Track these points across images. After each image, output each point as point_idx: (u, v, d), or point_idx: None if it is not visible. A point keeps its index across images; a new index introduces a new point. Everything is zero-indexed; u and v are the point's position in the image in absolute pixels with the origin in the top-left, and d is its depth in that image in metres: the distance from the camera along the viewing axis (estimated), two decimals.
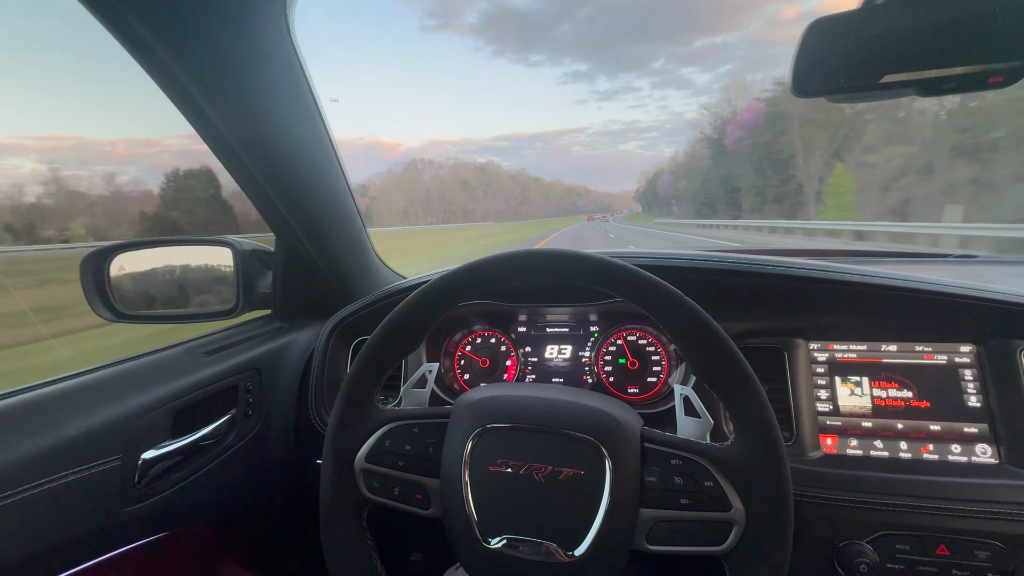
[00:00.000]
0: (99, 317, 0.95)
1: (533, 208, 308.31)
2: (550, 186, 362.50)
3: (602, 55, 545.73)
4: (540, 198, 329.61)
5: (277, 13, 0.75)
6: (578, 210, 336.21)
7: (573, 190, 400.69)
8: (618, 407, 0.60)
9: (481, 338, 1.05)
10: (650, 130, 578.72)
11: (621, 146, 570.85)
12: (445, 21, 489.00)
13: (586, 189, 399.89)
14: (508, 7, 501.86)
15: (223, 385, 0.85)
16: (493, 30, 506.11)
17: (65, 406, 0.65)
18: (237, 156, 0.79)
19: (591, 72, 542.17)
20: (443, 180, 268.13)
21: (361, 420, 0.63)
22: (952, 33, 0.52)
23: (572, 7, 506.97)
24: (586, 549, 0.53)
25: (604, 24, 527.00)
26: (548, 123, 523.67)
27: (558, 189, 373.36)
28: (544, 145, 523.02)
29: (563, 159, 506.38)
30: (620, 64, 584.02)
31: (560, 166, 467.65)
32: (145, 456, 0.71)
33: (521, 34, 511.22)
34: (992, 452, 0.73)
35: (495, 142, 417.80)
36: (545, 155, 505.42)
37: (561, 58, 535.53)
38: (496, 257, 0.59)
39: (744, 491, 0.51)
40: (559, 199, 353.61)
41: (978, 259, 1.20)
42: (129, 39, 0.64)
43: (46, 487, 0.59)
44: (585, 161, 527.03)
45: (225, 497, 0.87)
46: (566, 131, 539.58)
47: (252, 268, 1.02)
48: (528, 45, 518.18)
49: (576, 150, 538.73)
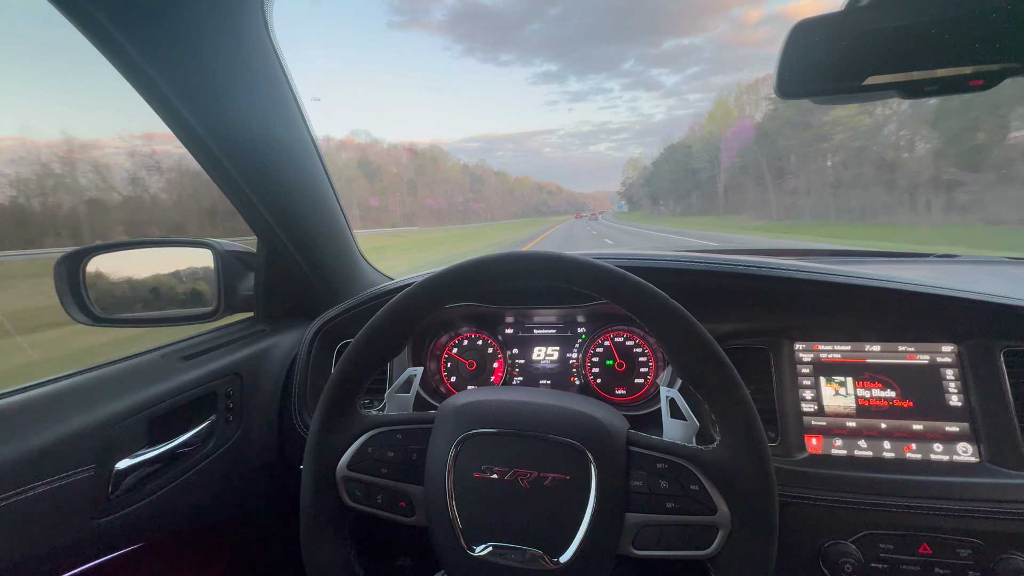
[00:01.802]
0: (74, 321, 0.93)
1: (491, 207, 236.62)
2: (516, 182, 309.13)
3: (573, 55, 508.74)
4: (501, 195, 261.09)
5: (255, 10, 0.73)
6: (549, 210, 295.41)
7: (544, 187, 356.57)
8: (604, 410, 0.60)
9: (468, 340, 1.04)
10: (620, 131, 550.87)
11: (592, 147, 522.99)
12: (412, 18, 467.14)
13: (558, 187, 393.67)
14: (477, 4, 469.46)
15: (202, 391, 0.83)
16: (462, 28, 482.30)
17: (34, 415, 0.63)
18: (215, 156, 0.77)
19: (562, 73, 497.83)
20: (337, 161, 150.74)
21: (343, 427, 0.61)
22: (934, 36, 0.52)
23: (542, 5, 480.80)
24: (572, 555, 0.52)
25: (574, 24, 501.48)
26: (520, 124, 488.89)
27: (525, 186, 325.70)
28: (516, 146, 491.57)
29: (535, 160, 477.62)
30: (591, 65, 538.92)
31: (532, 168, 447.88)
32: (119, 466, 0.69)
33: (491, 33, 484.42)
34: (973, 451, 0.74)
35: (466, 143, 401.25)
36: (517, 156, 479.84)
37: (532, 58, 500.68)
38: (480, 260, 0.58)
39: (729, 494, 0.51)
40: (525, 197, 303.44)
41: (959, 259, 1.21)
42: (100, 37, 0.61)
43: (14, 499, 0.57)
44: (558, 163, 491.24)
45: (204, 506, 0.85)
46: (538, 132, 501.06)
47: (233, 270, 1.00)
48: (498, 44, 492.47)
49: (548, 152, 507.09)
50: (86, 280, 0.94)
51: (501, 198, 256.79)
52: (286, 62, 0.82)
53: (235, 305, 1.00)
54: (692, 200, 68.08)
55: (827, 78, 0.57)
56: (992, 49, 0.51)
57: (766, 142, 43.45)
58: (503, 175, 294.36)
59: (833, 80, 0.57)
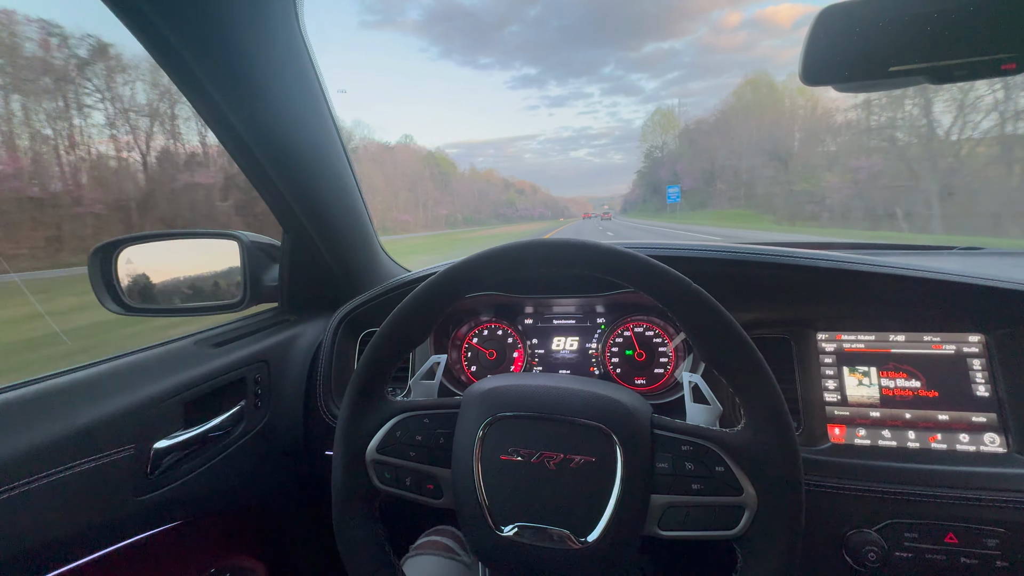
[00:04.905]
0: (107, 311, 0.96)
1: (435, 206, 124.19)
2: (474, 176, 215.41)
3: (552, 59, 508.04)
4: (439, 191, 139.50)
5: (288, 7, 0.75)
6: (517, 216, 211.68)
7: (512, 185, 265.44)
8: (628, 395, 0.60)
9: (488, 330, 1.05)
10: (600, 137, 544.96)
11: (572, 153, 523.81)
12: (386, 17, 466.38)
13: (533, 187, 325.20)
14: (454, 4, 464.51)
15: (232, 376, 0.86)
16: (438, 29, 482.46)
17: (78, 396, 0.65)
18: (249, 149, 0.79)
19: (542, 77, 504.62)
20: None
21: (372, 411, 0.63)
22: (963, 20, 0.52)
23: (521, 7, 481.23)
24: (598, 535, 0.53)
25: (554, 26, 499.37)
26: (500, 130, 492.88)
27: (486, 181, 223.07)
28: (496, 152, 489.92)
29: (516, 166, 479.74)
30: (571, 69, 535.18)
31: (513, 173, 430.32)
32: (157, 446, 0.71)
33: (469, 34, 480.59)
34: (1000, 441, 0.73)
35: (446, 149, 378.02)
36: (498, 162, 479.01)
37: (511, 61, 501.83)
38: (503, 248, 0.59)
39: (755, 475, 0.52)
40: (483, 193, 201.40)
41: (984, 251, 1.20)
42: (146, 34, 0.63)
43: (61, 475, 0.60)
44: (538, 168, 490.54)
45: (235, 487, 0.88)
46: (518, 137, 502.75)
47: (258, 261, 1.02)
48: (476, 47, 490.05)
49: (529, 157, 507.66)
50: (118, 271, 0.97)
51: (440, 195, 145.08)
52: (316, 57, 0.83)
53: (261, 295, 1.03)
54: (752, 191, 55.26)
55: (854, 65, 0.57)
56: (1022, 32, 0.51)
57: None
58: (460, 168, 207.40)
59: (859, 67, 0.57)
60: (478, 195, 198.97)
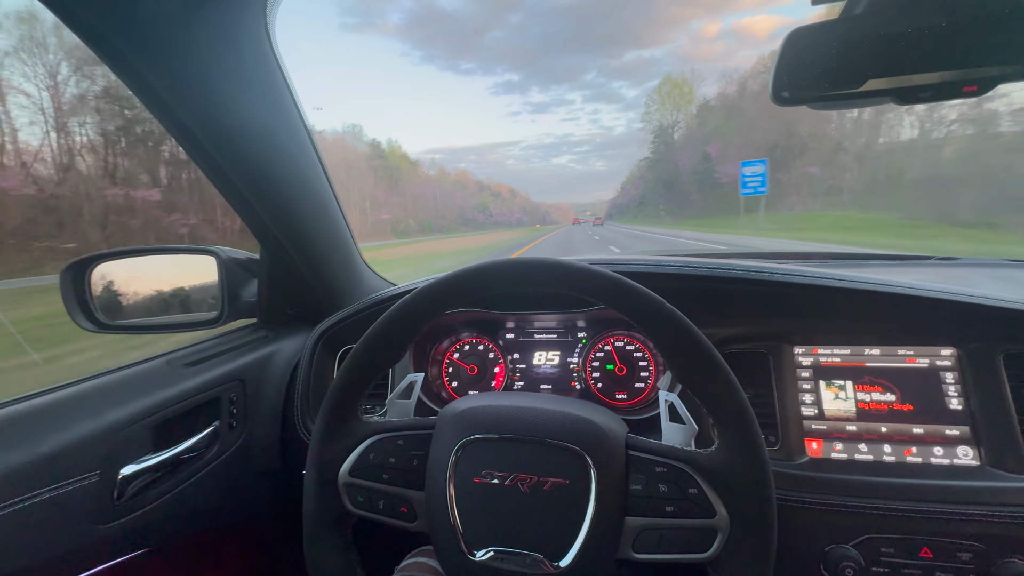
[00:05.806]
0: (80, 328, 0.94)
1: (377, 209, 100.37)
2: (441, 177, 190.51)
3: (535, 65, 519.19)
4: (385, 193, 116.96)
5: (257, 19, 0.74)
6: (492, 223, 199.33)
7: (488, 187, 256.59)
8: (603, 415, 0.60)
9: (469, 345, 1.04)
10: (582, 144, 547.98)
11: (555, 160, 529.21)
12: (367, 20, 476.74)
13: (512, 190, 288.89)
14: (435, 8, 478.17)
15: (206, 397, 0.84)
16: (420, 33, 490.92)
17: (40, 422, 0.64)
18: (217, 164, 0.78)
19: (524, 83, 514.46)
20: None
21: (345, 433, 0.62)
22: (928, 43, 0.53)
23: (503, 12, 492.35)
24: (572, 559, 0.52)
25: (536, 32, 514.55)
26: (482, 136, 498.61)
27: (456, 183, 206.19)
28: (478, 158, 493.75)
29: (499, 172, 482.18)
30: (553, 76, 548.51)
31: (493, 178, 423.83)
32: (124, 472, 0.70)
33: (451, 39, 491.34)
34: (974, 454, 0.74)
35: (427, 155, 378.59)
36: (480, 168, 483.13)
37: (493, 67, 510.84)
38: (480, 266, 0.59)
39: (728, 497, 0.51)
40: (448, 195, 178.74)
41: (959, 261, 1.21)
42: (102, 47, 0.62)
43: (19, 506, 0.58)
44: (520, 174, 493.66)
45: (208, 511, 0.86)
46: (500, 144, 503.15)
47: (236, 276, 1.00)
48: (458, 51, 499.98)
49: (511, 163, 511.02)
50: (91, 287, 0.95)
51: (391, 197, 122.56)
52: (286, 68, 0.83)
53: (239, 311, 1.01)
54: None
55: (822, 85, 0.58)
56: (985, 55, 0.52)
57: None
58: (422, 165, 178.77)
59: (828, 87, 0.58)
60: (441, 197, 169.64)
